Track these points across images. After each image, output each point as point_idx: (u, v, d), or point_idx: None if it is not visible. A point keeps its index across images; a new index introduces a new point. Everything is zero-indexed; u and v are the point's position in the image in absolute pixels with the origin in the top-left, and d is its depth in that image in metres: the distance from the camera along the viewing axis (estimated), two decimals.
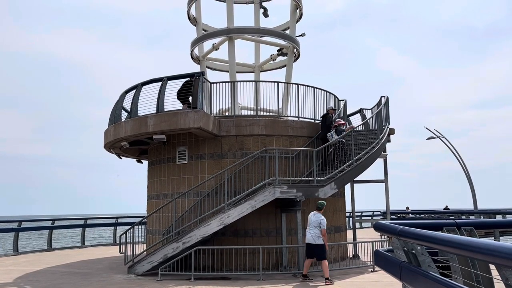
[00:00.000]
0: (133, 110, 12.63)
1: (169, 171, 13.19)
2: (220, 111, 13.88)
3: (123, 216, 23.26)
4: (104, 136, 14.08)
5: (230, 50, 15.01)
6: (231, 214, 10.80)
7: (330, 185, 11.56)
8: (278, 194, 10.89)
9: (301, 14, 16.40)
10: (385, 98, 14.45)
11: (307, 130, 13.28)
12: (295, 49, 16.05)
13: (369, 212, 32.34)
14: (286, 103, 14.40)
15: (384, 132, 13.51)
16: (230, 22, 14.97)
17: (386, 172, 14.25)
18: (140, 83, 12.98)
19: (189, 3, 16.11)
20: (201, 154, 12.63)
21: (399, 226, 4.52)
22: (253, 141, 12.51)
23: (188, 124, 11.48)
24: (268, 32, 15.70)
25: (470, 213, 25.31)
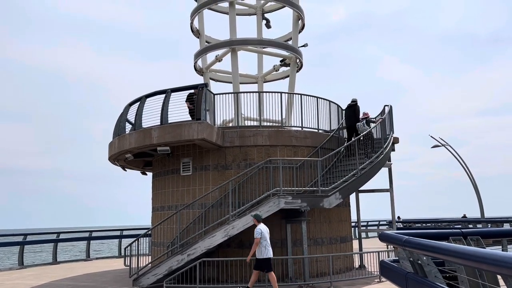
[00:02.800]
0: (137, 122, 12.69)
1: (174, 182, 13.19)
2: (224, 122, 13.91)
3: (128, 228, 23.22)
4: (109, 148, 14.14)
5: (233, 62, 15.09)
6: (236, 225, 10.76)
7: (335, 195, 11.51)
8: (282, 205, 10.85)
9: (303, 25, 16.50)
10: (389, 107, 14.43)
11: (311, 140, 13.27)
12: (297, 59, 16.12)
13: (375, 222, 32.12)
14: (290, 113, 14.43)
15: (388, 141, 13.48)
16: (233, 34, 15.08)
17: (391, 181, 14.18)
18: (144, 95, 13.06)
19: (192, 15, 16.27)
20: (205, 165, 12.64)
21: (404, 236, 4.49)
22: (257, 152, 12.51)
23: (192, 135, 11.50)
24: (270, 43, 15.79)
25: (477, 222, 25.06)
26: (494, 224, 23.74)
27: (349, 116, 14.00)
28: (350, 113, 14.01)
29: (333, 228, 13.20)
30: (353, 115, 13.87)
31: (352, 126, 13.87)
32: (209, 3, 15.86)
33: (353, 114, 13.88)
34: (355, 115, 13.86)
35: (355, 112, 13.90)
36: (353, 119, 13.87)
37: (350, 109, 14.10)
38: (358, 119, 13.80)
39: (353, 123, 13.82)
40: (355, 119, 13.86)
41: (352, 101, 14.24)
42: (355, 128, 13.79)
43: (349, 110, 14.16)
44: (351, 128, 13.89)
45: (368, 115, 13.89)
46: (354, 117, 13.87)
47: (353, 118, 13.87)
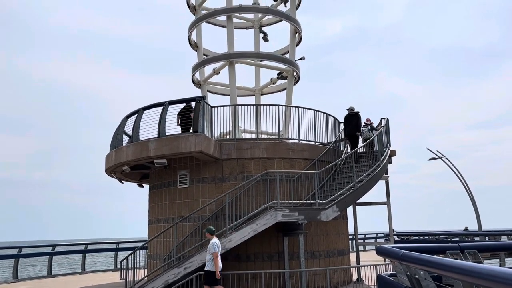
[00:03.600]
0: (134, 135, 12.69)
1: (170, 195, 13.15)
2: (221, 135, 13.93)
3: (124, 241, 23.04)
4: (106, 160, 14.11)
5: (231, 74, 15.18)
6: (233, 238, 10.71)
7: (332, 208, 11.49)
8: (279, 218, 10.82)
9: (300, 39, 16.65)
10: (385, 120, 14.50)
11: (308, 153, 13.29)
12: (295, 72, 16.23)
13: (373, 234, 32.01)
14: (287, 126, 14.47)
15: (385, 154, 13.51)
16: (231, 47, 15.20)
17: (388, 194, 14.18)
18: (141, 107, 13.08)
19: (190, 28, 16.40)
20: (202, 177, 12.62)
21: (402, 250, 4.48)
22: (254, 164, 12.51)
23: (189, 148, 11.51)
24: (268, 57, 15.91)
25: (474, 235, 25.00)
26: (491, 237, 23.69)
27: (351, 125, 14.27)
28: (352, 122, 14.28)
29: (331, 241, 13.15)
30: (355, 123, 14.19)
31: (353, 135, 14.19)
32: (207, 17, 16.02)
33: (356, 122, 14.20)
34: (357, 123, 14.19)
35: (356, 120, 14.22)
36: (354, 127, 14.18)
37: (352, 117, 14.32)
38: (359, 128, 14.14)
39: (353, 132, 14.14)
40: (357, 127, 14.17)
41: (351, 109, 14.44)
42: (356, 136, 14.14)
43: (351, 118, 14.35)
44: (353, 136, 14.22)
45: (371, 122, 14.29)
46: (356, 125, 14.19)
47: (355, 127, 14.19)
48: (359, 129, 14.14)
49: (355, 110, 14.46)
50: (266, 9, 16.46)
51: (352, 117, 14.30)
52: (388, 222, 14.00)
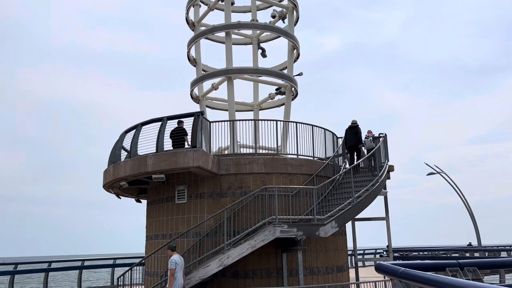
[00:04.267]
0: (133, 150, 12.68)
1: (168, 210, 13.08)
2: (220, 150, 13.93)
3: (121, 257, 22.81)
4: (103, 176, 14.06)
5: (229, 90, 15.26)
6: (231, 254, 10.62)
7: (331, 224, 11.43)
8: (278, 234, 10.75)
9: (298, 54, 16.79)
10: (384, 135, 14.55)
11: (307, 168, 13.28)
12: (293, 88, 16.33)
13: (372, 250, 31.78)
14: (285, 141, 14.48)
15: (384, 169, 13.51)
16: (229, 63, 15.30)
17: (387, 210, 14.13)
18: (140, 123, 13.10)
19: (189, 44, 16.53)
20: (200, 193, 12.57)
21: (401, 267, 4.45)
22: (252, 179, 12.48)
23: (188, 163, 11.49)
24: (266, 72, 16.02)
25: (474, 250, 24.85)
26: (491, 252, 23.55)
27: (352, 137, 14.48)
28: (352, 134, 14.50)
29: (330, 257, 13.05)
30: (356, 136, 14.41)
31: (355, 147, 14.41)
32: (206, 33, 16.17)
33: (356, 135, 14.42)
34: (358, 136, 14.40)
35: (357, 133, 14.44)
36: (355, 140, 14.40)
37: (352, 130, 14.55)
38: (361, 140, 14.39)
39: (355, 144, 14.36)
40: (357, 140, 14.38)
41: (353, 123, 14.68)
42: (357, 148, 14.37)
43: (351, 131, 14.58)
44: (354, 148, 14.42)
45: (373, 133, 14.59)
46: (356, 138, 14.40)
47: (356, 139, 14.40)
48: (360, 141, 14.42)
49: (356, 122, 14.69)
50: (264, 26, 16.62)
51: (353, 130, 14.54)
52: (387, 238, 13.92)
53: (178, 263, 9.89)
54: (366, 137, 14.60)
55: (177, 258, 9.99)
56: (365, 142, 14.48)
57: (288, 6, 16.78)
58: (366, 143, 14.44)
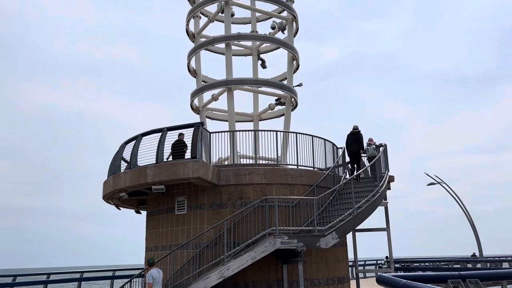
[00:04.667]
0: (133, 161, 12.66)
1: (168, 221, 13.01)
2: (220, 160, 13.91)
3: (120, 268, 22.64)
4: (103, 187, 14.02)
5: (229, 101, 15.29)
6: (231, 266, 10.54)
7: (331, 235, 11.37)
8: (278, 245, 10.68)
9: (298, 65, 16.86)
10: (383, 145, 14.55)
11: (307, 179, 13.24)
12: (292, 98, 16.37)
13: (373, 261, 31.55)
14: (285, 152, 14.47)
15: (384, 180, 13.48)
16: (229, 74, 15.36)
17: (387, 220, 14.07)
18: (140, 134, 13.11)
19: (189, 56, 16.61)
20: (200, 204, 12.52)
21: (402, 280, 4.40)
22: (252, 190, 12.45)
23: (188, 174, 11.46)
24: (266, 83, 16.07)
25: (476, 261, 24.69)
26: (493, 263, 23.39)
27: (353, 143, 14.56)
28: (353, 140, 14.57)
29: (330, 269, 12.95)
30: (357, 142, 14.50)
31: (356, 153, 14.48)
32: (206, 45, 16.26)
33: (357, 141, 14.50)
34: (359, 142, 14.50)
35: (358, 139, 14.53)
36: (357, 146, 14.49)
37: (354, 136, 14.62)
38: (362, 146, 14.48)
39: (357, 150, 14.45)
40: (358, 146, 14.47)
41: (354, 128, 14.77)
42: (359, 154, 14.46)
43: (352, 137, 14.65)
44: (356, 154, 14.50)
45: (374, 141, 14.69)
46: (358, 144, 14.49)
47: (357, 145, 14.49)
48: (361, 147, 14.53)
49: (357, 127, 14.80)
50: (264, 37, 16.73)
51: (354, 136, 14.63)
52: (388, 249, 13.84)
53: (156, 277, 10.06)
54: (369, 144, 14.71)
55: (155, 272, 10.16)
56: (368, 149, 14.58)
57: (287, 17, 16.91)
58: (368, 150, 14.55)
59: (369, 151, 14.56)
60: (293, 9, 16.68)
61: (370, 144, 14.73)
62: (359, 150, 14.55)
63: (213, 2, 16.01)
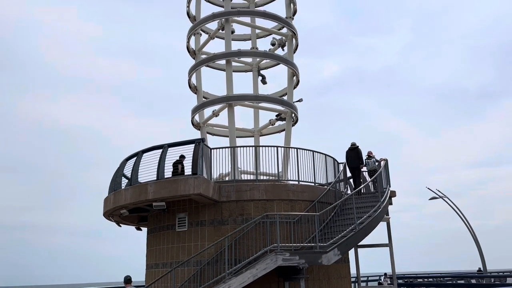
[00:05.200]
0: (133, 178, 12.65)
1: (169, 238, 12.93)
2: (220, 176, 13.88)
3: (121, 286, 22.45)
4: (104, 204, 13.98)
5: (230, 116, 15.33)
6: (232, 284, 10.42)
7: (334, 251, 11.26)
8: (280, 262, 10.58)
9: (298, 81, 16.96)
10: (385, 160, 14.52)
11: (308, 194, 13.19)
12: (293, 114, 16.41)
13: (376, 277, 31.21)
14: (286, 167, 14.45)
15: (386, 195, 13.41)
16: (230, 90, 15.44)
17: (390, 236, 13.97)
18: (140, 150, 13.12)
19: (190, 72, 16.73)
20: (201, 220, 12.46)
21: None
22: (253, 206, 12.39)
23: (188, 190, 11.43)
24: (266, 99, 16.14)
25: (480, 277, 24.41)
26: (497, 278, 23.12)
27: (353, 158, 14.75)
28: (353, 156, 14.76)
29: (333, 285, 12.80)
30: (356, 157, 14.71)
31: (357, 167, 14.67)
32: (207, 61, 16.39)
33: (356, 156, 14.72)
34: (359, 156, 14.71)
35: (358, 153, 14.75)
36: (357, 160, 14.70)
37: (353, 152, 14.80)
38: (362, 160, 14.72)
39: (357, 164, 14.66)
40: (358, 160, 14.69)
41: (353, 144, 14.95)
42: (359, 169, 14.65)
43: (351, 153, 14.83)
44: (356, 169, 14.68)
45: (374, 155, 14.90)
46: (357, 159, 14.70)
47: (357, 160, 14.70)
48: (361, 160, 14.72)
49: (356, 145, 14.95)
50: (264, 54, 16.87)
51: (353, 151, 14.82)
52: (391, 265, 13.70)
53: None
54: (368, 157, 14.86)
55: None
56: (368, 163, 14.72)
57: (287, 34, 17.07)
58: (369, 164, 14.69)
59: (370, 164, 14.71)
60: (292, 26, 16.85)
61: (370, 157, 14.88)
62: (359, 164, 14.70)
63: (213, 19, 16.19)
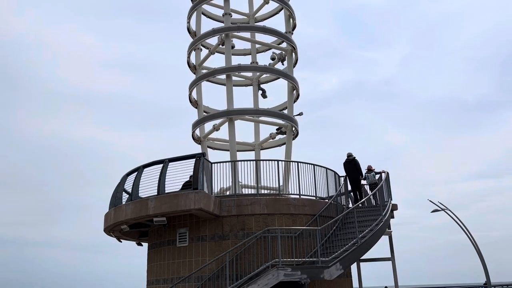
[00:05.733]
0: (134, 193, 12.63)
1: (170, 254, 12.84)
2: (221, 190, 13.84)
3: None
4: (105, 219, 13.93)
5: (230, 131, 15.36)
6: None
7: (336, 266, 11.16)
8: (282, 277, 10.48)
9: (298, 95, 17.03)
10: (385, 173, 14.51)
11: (309, 208, 13.14)
12: (293, 127, 16.45)
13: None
14: (287, 181, 14.43)
15: (387, 209, 13.36)
16: (230, 104, 15.50)
17: (392, 249, 13.88)
18: (141, 165, 13.12)
19: (190, 87, 16.83)
20: (202, 235, 12.39)
21: None
22: (254, 221, 12.34)
23: (189, 205, 11.40)
24: (266, 113, 16.19)
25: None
26: None
27: (352, 171, 14.69)
28: (351, 168, 14.69)
29: None
30: (355, 168, 14.64)
31: (357, 180, 14.62)
32: (207, 76, 16.49)
33: (355, 167, 14.65)
34: (357, 168, 14.66)
35: (356, 165, 14.69)
36: (356, 173, 14.64)
37: (351, 164, 14.74)
38: (361, 172, 14.66)
39: (357, 177, 14.61)
40: (357, 172, 14.64)
41: (349, 156, 14.91)
42: (359, 181, 14.60)
43: (349, 166, 14.76)
44: (357, 181, 14.63)
45: (373, 168, 14.93)
46: (356, 170, 14.65)
47: (357, 172, 14.64)
48: (360, 173, 14.70)
49: (353, 155, 14.92)
50: (264, 68, 16.98)
51: (351, 164, 14.77)
52: (393, 279, 13.58)
53: None
54: (369, 171, 14.87)
55: None
56: (368, 177, 14.73)
57: (287, 48, 17.20)
58: (369, 177, 14.70)
59: (370, 178, 14.74)
60: (292, 40, 17.00)
61: (370, 171, 14.91)
62: (359, 176, 14.67)
63: (214, 35, 16.34)
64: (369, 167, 15.05)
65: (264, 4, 18.05)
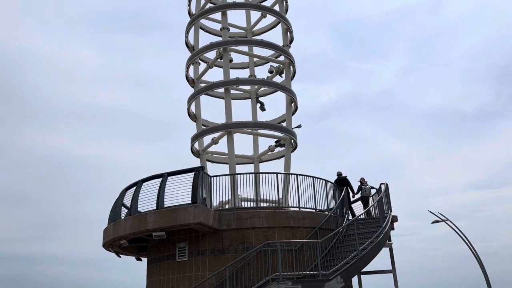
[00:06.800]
0: (133, 207, 12.58)
1: (169, 269, 12.75)
2: (221, 203, 13.80)
3: None
4: (103, 234, 13.85)
5: (229, 144, 15.38)
6: None
7: (337, 279, 11.08)
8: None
9: (296, 107, 17.10)
10: (385, 185, 14.49)
11: (309, 221, 13.09)
12: (292, 140, 16.47)
13: None
14: (287, 194, 14.39)
15: (387, 220, 13.31)
16: (229, 118, 15.55)
17: (393, 261, 13.80)
18: (140, 180, 13.09)
19: (189, 101, 16.89)
20: (202, 250, 12.32)
21: None
22: (254, 234, 12.28)
23: (188, 219, 11.35)
24: (265, 126, 16.24)
25: None
26: None
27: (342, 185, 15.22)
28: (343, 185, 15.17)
29: None
30: (346, 186, 15.19)
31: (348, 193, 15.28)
32: (206, 90, 16.57)
33: (346, 185, 15.21)
34: (349, 186, 15.34)
35: (347, 183, 15.32)
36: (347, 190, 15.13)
37: (342, 182, 15.29)
38: (353, 190, 15.38)
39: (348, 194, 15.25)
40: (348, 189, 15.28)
41: (339, 174, 15.54)
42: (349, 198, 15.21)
43: (341, 184, 15.25)
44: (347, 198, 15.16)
45: (366, 180, 15.51)
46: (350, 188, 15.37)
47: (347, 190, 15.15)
48: (353, 190, 15.43)
49: (343, 174, 15.51)
50: (262, 81, 17.08)
51: (342, 182, 15.30)
52: None
53: None
54: (362, 183, 15.40)
55: None
56: (365, 189, 15.20)
57: (284, 61, 17.33)
58: (366, 190, 15.15)
59: (366, 190, 15.21)
60: (289, 54, 17.13)
61: (362, 183, 15.43)
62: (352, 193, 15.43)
63: (212, 49, 16.46)
64: (362, 180, 15.47)
65: (262, 18, 18.23)
